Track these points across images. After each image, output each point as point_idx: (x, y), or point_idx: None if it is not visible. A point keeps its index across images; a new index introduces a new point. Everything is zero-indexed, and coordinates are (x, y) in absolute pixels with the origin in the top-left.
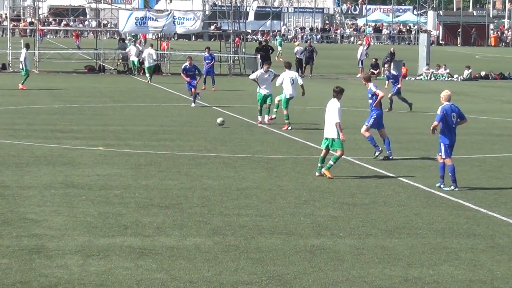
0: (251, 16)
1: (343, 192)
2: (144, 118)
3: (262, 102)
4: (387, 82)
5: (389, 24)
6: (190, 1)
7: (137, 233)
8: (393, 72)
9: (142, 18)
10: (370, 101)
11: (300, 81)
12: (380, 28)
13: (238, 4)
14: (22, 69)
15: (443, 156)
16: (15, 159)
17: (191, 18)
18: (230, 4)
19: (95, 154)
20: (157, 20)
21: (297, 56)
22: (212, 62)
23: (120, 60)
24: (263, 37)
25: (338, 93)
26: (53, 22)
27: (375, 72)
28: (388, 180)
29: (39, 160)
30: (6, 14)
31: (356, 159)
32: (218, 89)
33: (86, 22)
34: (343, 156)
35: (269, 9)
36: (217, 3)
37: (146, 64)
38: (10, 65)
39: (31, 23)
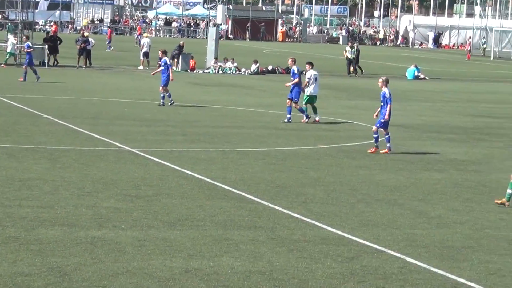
0: (43, 6)
1: (127, 184)
2: None
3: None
4: None
5: (179, 17)
6: None
7: None
8: None
9: None
10: None
11: None
12: (170, 21)
13: None
14: None
15: None
16: None
17: None
18: None
19: None
20: None
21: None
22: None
23: None
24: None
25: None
26: None
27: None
28: (172, 172)
29: None
30: None
31: (141, 151)
32: None
33: None
34: (123, 147)
35: (59, 0)
36: None
37: None
38: None
39: None
